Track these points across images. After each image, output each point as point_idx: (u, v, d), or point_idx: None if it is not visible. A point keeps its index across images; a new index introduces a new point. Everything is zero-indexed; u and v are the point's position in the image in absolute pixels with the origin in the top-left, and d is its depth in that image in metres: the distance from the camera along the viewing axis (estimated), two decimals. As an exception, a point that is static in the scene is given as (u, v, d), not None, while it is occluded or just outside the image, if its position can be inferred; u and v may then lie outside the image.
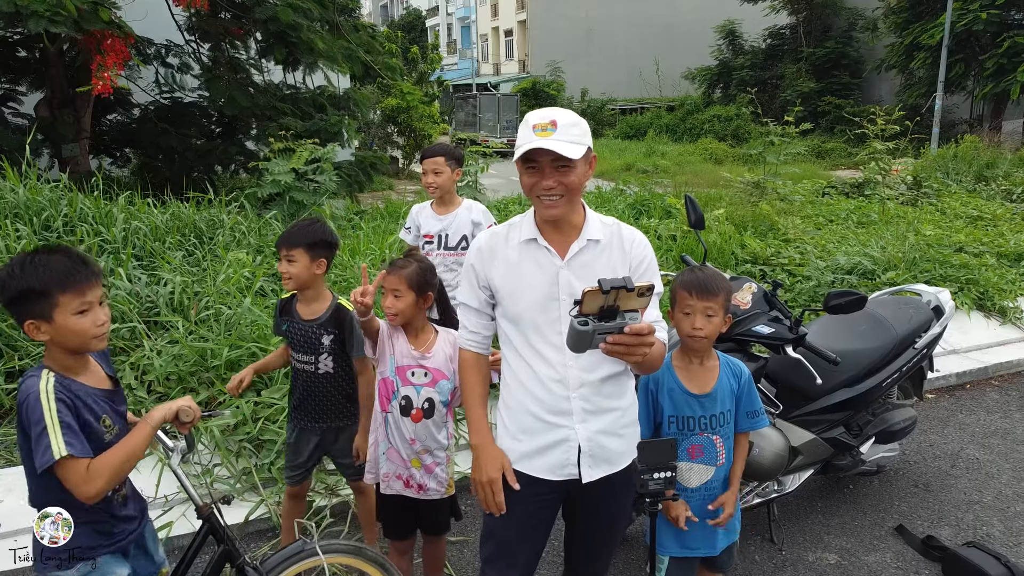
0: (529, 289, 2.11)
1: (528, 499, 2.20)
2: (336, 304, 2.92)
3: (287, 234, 2.85)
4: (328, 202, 7.07)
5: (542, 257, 2.12)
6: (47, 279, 1.86)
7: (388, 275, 2.62)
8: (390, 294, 2.62)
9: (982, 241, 7.53)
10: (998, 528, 3.63)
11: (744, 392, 2.52)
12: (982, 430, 4.67)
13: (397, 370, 2.64)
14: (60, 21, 7.43)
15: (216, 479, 3.80)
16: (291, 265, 2.81)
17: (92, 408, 1.93)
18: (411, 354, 2.64)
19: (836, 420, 3.55)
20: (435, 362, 2.65)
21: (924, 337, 3.73)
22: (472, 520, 3.69)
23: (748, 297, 3.17)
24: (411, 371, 2.64)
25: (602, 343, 1.74)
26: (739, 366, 2.55)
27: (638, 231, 2.23)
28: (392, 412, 2.67)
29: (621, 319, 1.73)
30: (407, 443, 2.66)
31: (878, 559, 3.41)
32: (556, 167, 2.00)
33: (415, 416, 2.64)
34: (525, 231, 2.15)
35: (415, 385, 2.64)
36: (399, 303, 2.60)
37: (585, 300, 1.71)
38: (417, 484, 2.70)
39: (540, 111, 2.06)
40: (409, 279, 2.60)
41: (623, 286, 1.68)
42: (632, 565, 3.36)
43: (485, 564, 2.28)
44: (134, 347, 4.47)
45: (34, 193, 5.78)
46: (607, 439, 2.16)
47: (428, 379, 2.64)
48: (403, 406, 2.64)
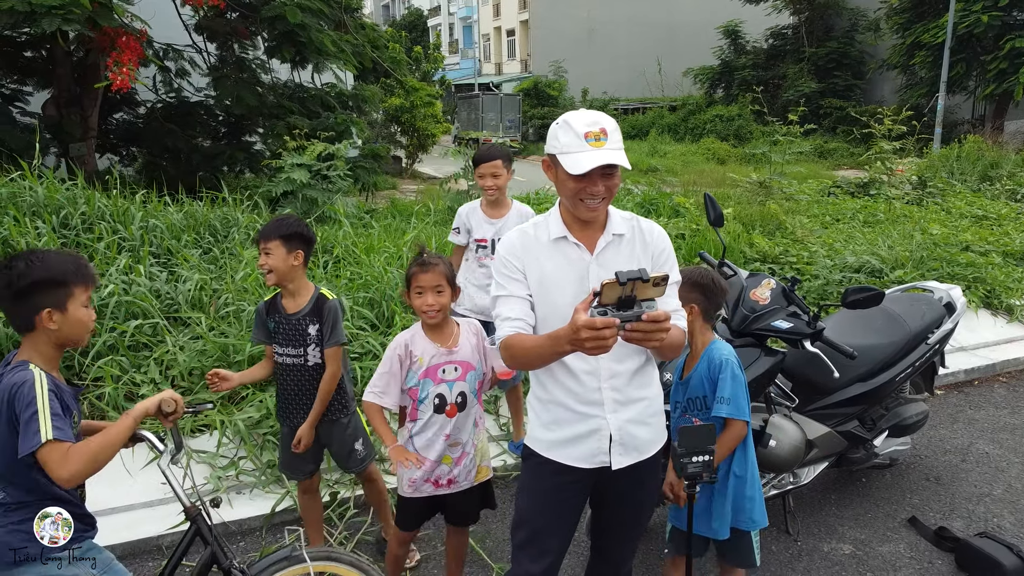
0: (561, 284, 2.17)
1: (560, 487, 2.27)
2: (318, 294, 2.99)
3: (263, 228, 2.94)
4: (341, 199, 7.14)
5: (571, 253, 2.19)
6: (65, 272, 2.01)
7: (425, 273, 2.62)
8: (430, 292, 2.61)
9: (988, 240, 7.60)
10: (1009, 520, 3.70)
11: (714, 377, 2.59)
12: (991, 425, 4.74)
13: (426, 372, 2.64)
14: (73, 19, 7.51)
15: (241, 471, 3.87)
16: (268, 257, 2.88)
17: (67, 404, 2.01)
18: (439, 351, 2.66)
19: (850, 414, 3.62)
20: (462, 355, 2.69)
21: (936, 333, 3.80)
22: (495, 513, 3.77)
23: (767, 293, 3.24)
24: (442, 368, 2.66)
25: (621, 331, 1.80)
26: (719, 353, 2.60)
27: (655, 224, 2.32)
28: (422, 416, 2.67)
29: (638, 308, 1.80)
30: (441, 440, 2.67)
31: (892, 549, 3.48)
32: (604, 172, 2.06)
33: (450, 412, 2.66)
34: (554, 229, 2.21)
35: (447, 382, 2.66)
36: (442, 299, 2.63)
37: (604, 291, 1.78)
38: (447, 479, 2.73)
39: (582, 115, 2.09)
40: (447, 275, 2.64)
41: (639, 277, 1.75)
42: (651, 555, 3.43)
43: (517, 550, 2.35)
44: (157, 343, 4.53)
45: (52, 191, 5.84)
46: (636, 428, 2.23)
47: (458, 373, 2.67)
48: (437, 405, 2.65)
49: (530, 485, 2.35)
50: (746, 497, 2.64)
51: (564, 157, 2.07)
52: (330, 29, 11.17)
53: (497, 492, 3.97)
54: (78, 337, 2.08)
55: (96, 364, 4.26)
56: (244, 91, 10.38)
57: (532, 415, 2.33)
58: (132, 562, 3.41)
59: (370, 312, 4.95)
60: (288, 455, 3.11)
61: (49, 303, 1.98)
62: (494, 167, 3.83)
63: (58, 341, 2.05)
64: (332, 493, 3.78)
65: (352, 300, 4.97)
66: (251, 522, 3.67)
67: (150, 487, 3.77)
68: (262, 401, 4.13)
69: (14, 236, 5.06)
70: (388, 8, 60.32)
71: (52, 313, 1.99)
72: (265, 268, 2.90)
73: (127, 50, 8.18)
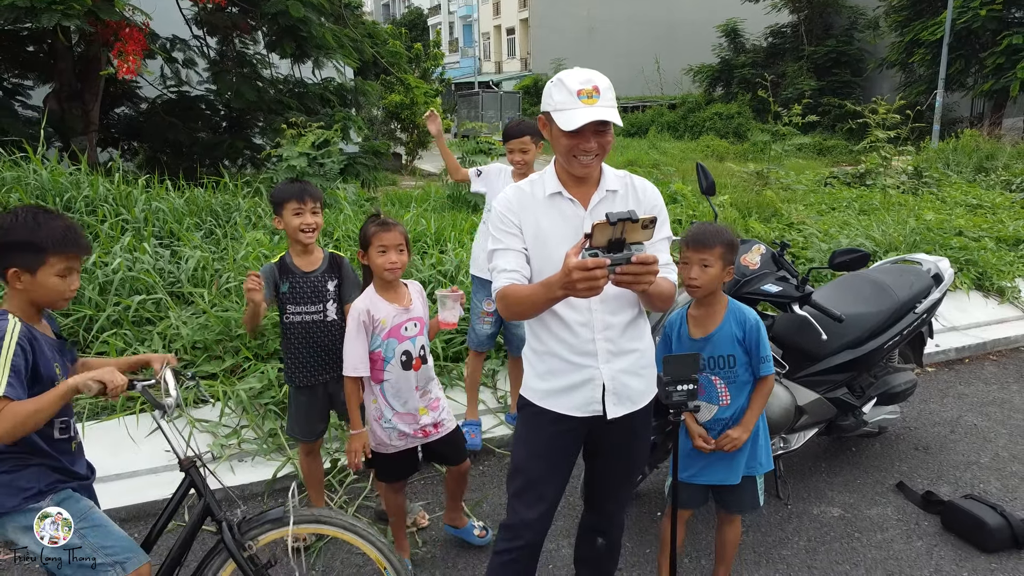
0: (556, 238, 2.23)
1: (555, 435, 2.35)
2: (329, 253, 3.10)
3: (309, 188, 3.00)
4: (341, 186, 7.22)
5: (566, 208, 2.25)
6: (45, 238, 2.02)
7: (388, 232, 2.71)
8: (393, 250, 2.71)
9: (981, 227, 7.67)
10: (995, 485, 3.78)
11: (750, 339, 2.65)
12: (980, 400, 4.82)
13: (390, 332, 2.75)
14: (73, 14, 7.58)
15: (243, 440, 3.95)
16: (316, 216, 2.98)
17: (46, 354, 2.06)
18: (398, 311, 2.78)
19: (840, 381, 3.70)
20: (417, 311, 2.85)
21: (924, 303, 3.87)
22: (485, 481, 3.85)
23: (757, 258, 3.32)
24: (404, 327, 2.79)
25: (611, 274, 1.86)
26: (744, 314, 2.67)
27: (648, 181, 2.39)
28: (391, 376, 2.78)
29: (628, 251, 1.85)
30: (414, 394, 2.81)
31: (880, 512, 3.56)
32: (597, 130, 2.12)
33: (415, 366, 2.81)
34: (549, 185, 2.27)
35: (411, 338, 2.80)
36: (403, 256, 2.75)
37: (594, 233, 1.82)
38: (433, 425, 2.89)
39: (575, 72, 2.15)
40: (406, 235, 2.76)
41: (628, 217, 1.80)
42: (643, 518, 3.51)
43: (513, 498, 2.41)
44: (160, 318, 4.62)
45: (56, 175, 5.93)
46: (629, 378, 2.31)
47: (417, 328, 2.82)
48: (404, 361, 2.78)
49: (525, 434, 2.42)
50: (758, 444, 2.73)
51: (557, 114, 2.13)
52: (330, 23, 11.28)
53: (495, 462, 4.07)
54: (48, 302, 2.11)
55: (100, 338, 4.34)
56: (244, 86, 10.46)
57: (527, 367, 2.39)
58: (136, 525, 3.49)
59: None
60: (301, 416, 3.16)
61: (17, 263, 2.01)
62: (523, 143, 3.88)
63: (29, 300, 2.08)
64: (333, 460, 3.86)
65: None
66: (253, 487, 3.75)
67: (155, 455, 3.85)
68: (263, 372, 4.21)
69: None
70: (388, 7, 60.44)
71: (19, 274, 2.02)
72: (312, 227, 2.97)
73: (131, 40, 8.26)
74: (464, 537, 3.31)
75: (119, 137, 11.82)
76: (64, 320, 4.44)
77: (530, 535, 2.37)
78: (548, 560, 3.20)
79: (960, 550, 3.26)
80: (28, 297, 2.07)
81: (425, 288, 5.09)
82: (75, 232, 2.10)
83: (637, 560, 3.22)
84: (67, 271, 2.08)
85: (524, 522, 2.37)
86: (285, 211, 2.96)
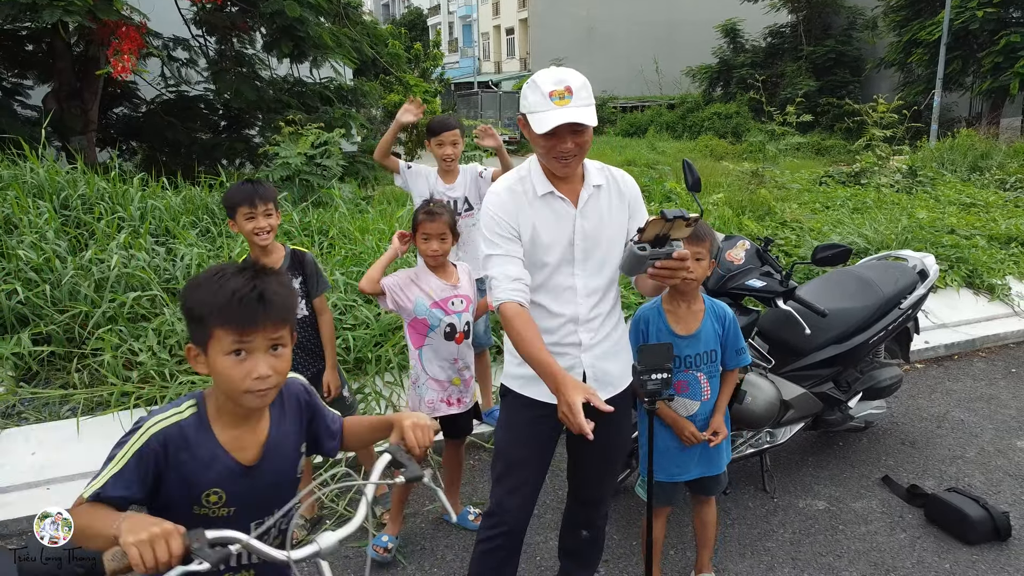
0: (550, 237, 2.27)
1: (535, 420, 2.40)
2: (291, 249, 3.13)
3: (260, 190, 2.97)
4: (337, 185, 7.27)
5: (558, 207, 2.28)
6: (205, 302, 1.47)
7: (432, 222, 2.91)
8: (435, 239, 2.94)
9: (974, 225, 7.71)
10: (979, 479, 3.82)
11: (730, 333, 2.73)
12: (968, 395, 4.86)
13: (436, 304, 2.97)
14: (74, 11, 7.63)
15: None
16: (270, 218, 2.99)
17: (193, 481, 1.52)
18: (446, 286, 3.00)
19: (825, 376, 3.74)
20: (464, 289, 3.06)
21: (909, 298, 3.92)
22: (475, 475, 3.90)
23: (741, 253, 3.36)
24: (451, 301, 3.00)
25: (651, 267, 1.96)
26: (723, 308, 2.75)
27: (624, 171, 2.45)
28: (432, 343, 3.00)
29: (670, 246, 1.95)
30: (451, 364, 3.03)
31: (864, 505, 3.60)
32: (573, 130, 2.13)
33: (459, 339, 3.01)
34: (539, 185, 2.28)
35: (457, 312, 3.01)
36: (445, 245, 2.96)
37: (648, 228, 1.93)
38: (457, 399, 3.09)
39: (549, 73, 2.16)
40: (450, 224, 2.95)
41: (681, 216, 1.87)
42: (631, 510, 3.55)
43: (495, 483, 2.47)
44: (155, 314, 4.66)
45: (53, 174, 5.98)
46: (607, 363, 2.38)
47: (463, 305, 3.03)
48: (447, 332, 2.99)
49: (507, 420, 2.48)
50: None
51: (532, 116, 2.15)
52: (329, 23, 11.32)
53: (484, 456, 4.12)
54: (227, 392, 1.50)
55: (95, 334, 4.38)
56: (243, 85, 10.49)
57: (508, 356, 2.44)
58: (130, 517, 3.53)
59: (363, 287, 5.08)
60: None
61: (195, 338, 1.51)
62: (455, 135, 3.94)
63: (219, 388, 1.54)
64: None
65: (347, 275, 5.10)
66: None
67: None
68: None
69: (17, 214, 5.20)
70: (388, 7, 60.50)
71: (195, 352, 1.51)
72: (266, 229, 2.98)
73: (127, 40, 8.30)
74: (461, 524, 3.40)
75: (118, 137, 11.87)
76: (60, 317, 4.49)
77: (512, 520, 2.42)
78: (535, 552, 3.25)
79: (943, 542, 3.30)
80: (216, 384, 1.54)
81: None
82: (243, 296, 1.44)
83: (623, 552, 3.26)
84: (235, 349, 1.46)
85: (505, 508, 2.42)
86: (238, 215, 2.96)
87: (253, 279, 1.47)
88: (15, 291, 4.50)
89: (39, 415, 4.08)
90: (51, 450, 3.82)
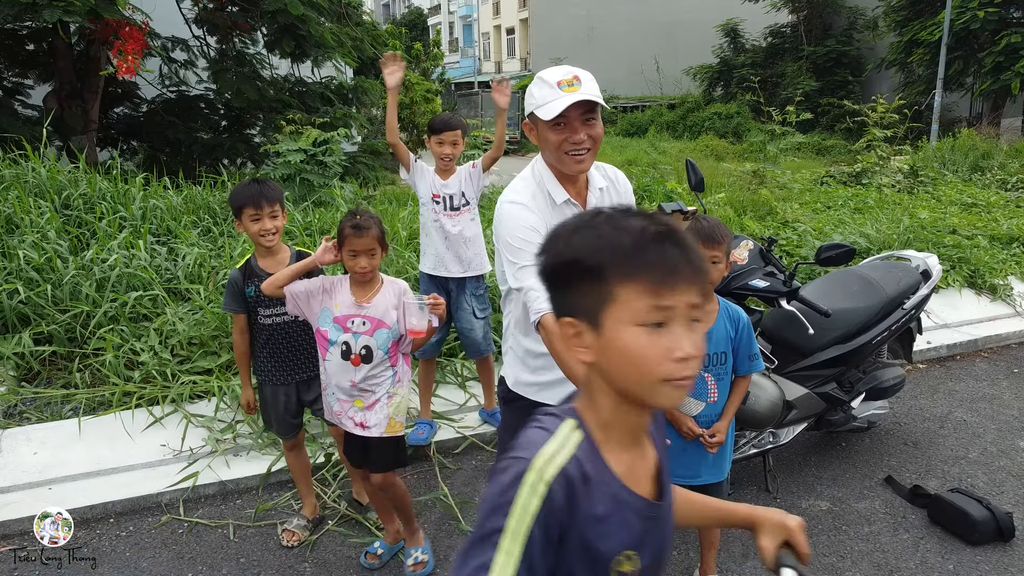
0: None
1: None
2: (296, 251, 3.10)
3: (266, 191, 2.94)
4: (338, 184, 7.26)
5: (571, 213, 2.24)
6: (602, 248, 1.01)
7: (360, 238, 2.66)
8: (364, 255, 2.69)
9: (975, 225, 7.70)
10: (982, 480, 3.82)
11: (743, 338, 2.70)
12: (970, 396, 4.86)
13: (336, 320, 2.78)
14: (75, 11, 7.62)
15: (238, 435, 3.99)
16: (275, 220, 2.97)
17: (597, 544, 1.04)
18: (352, 304, 2.78)
19: (828, 376, 3.74)
20: (374, 311, 2.78)
21: (912, 299, 3.91)
22: (478, 475, 3.89)
23: (745, 253, 3.35)
24: (351, 320, 2.78)
25: None
26: (737, 312, 2.73)
27: (615, 167, 2.44)
28: (332, 359, 2.81)
29: None
30: (349, 386, 2.82)
31: (867, 506, 3.59)
32: (584, 120, 2.11)
33: (354, 361, 2.79)
34: (557, 193, 2.23)
35: (354, 333, 2.78)
36: (374, 261, 2.73)
37: None
38: (360, 422, 2.86)
39: (555, 69, 2.15)
40: (380, 237, 2.72)
41: (679, 209, 1.87)
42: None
43: None
44: (156, 314, 4.65)
45: (54, 173, 5.97)
46: None
47: (366, 327, 2.78)
48: (344, 351, 2.79)
49: (513, 424, 2.45)
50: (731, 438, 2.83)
51: (540, 109, 2.11)
52: (330, 22, 11.31)
53: (486, 456, 4.11)
54: (633, 383, 1.03)
55: (97, 334, 4.38)
56: (244, 85, 10.48)
57: (517, 363, 2.40)
58: (131, 518, 3.53)
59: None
60: (278, 414, 3.19)
61: (580, 306, 1.04)
62: (456, 136, 3.93)
63: (608, 383, 1.06)
64: (327, 454, 3.90)
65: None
66: (248, 481, 3.79)
67: (151, 449, 3.90)
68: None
69: (18, 213, 5.20)
70: (388, 7, 60.50)
71: (578, 329, 1.05)
72: (272, 231, 2.96)
73: (130, 40, 8.29)
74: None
75: (119, 136, 11.86)
76: (61, 317, 4.48)
77: None
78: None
79: (946, 542, 3.29)
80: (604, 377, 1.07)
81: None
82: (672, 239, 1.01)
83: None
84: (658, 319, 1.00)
85: None
86: (243, 216, 2.94)
87: (653, 221, 1.02)
88: (17, 291, 4.49)
89: (41, 415, 4.07)
90: (53, 450, 3.82)
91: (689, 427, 2.67)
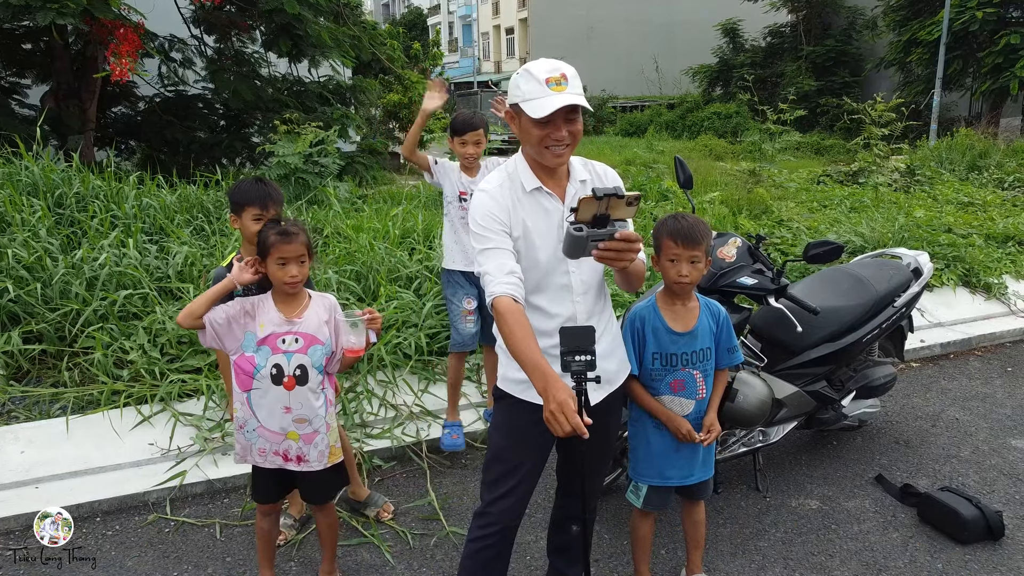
0: (541, 234, 2.25)
1: (533, 424, 2.35)
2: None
3: (272, 193, 2.81)
4: (333, 184, 7.26)
5: (547, 203, 2.26)
6: None
7: (289, 244, 2.50)
8: (293, 262, 2.51)
9: (971, 224, 7.69)
10: (973, 479, 3.80)
11: (723, 331, 2.72)
12: (963, 394, 4.84)
13: (264, 341, 2.54)
14: (68, 13, 7.61)
15: (227, 433, 3.98)
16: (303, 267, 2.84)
17: None
18: (281, 320, 2.57)
19: (819, 374, 3.72)
20: (306, 327, 2.58)
21: (903, 296, 3.90)
22: (468, 474, 3.87)
23: (733, 251, 3.34)
24: (281, 338, 2.55)
25: (594, 249, 1.89)
26: (716, 306, 2.73)
27: (605, 165, 2.43)
28: (259, 387, 2.57)
29: (611, 227, 1.88)
30: (281, 413, 2.58)
31: (857, 505, 3.58)
32: (567, 118, 2.13)
33: (287, 384, 2.55)
34: (528, 181, 2.26)
35: (285, 352, 2.55)
36: (304, 268, 2.55)
37: (580, 208, 1.85)
38: (295, 456, 2.64)
39: (542, 62, 2.16)
40: (308, 245, 2.57)
41: (615, 193, 1.83)
42: (623, 510, 3.53)
43: (490, 485, 2.41)
44: (146, 313, 4.64)
45: (48, 171, 5.96)
46: (605, 362, 2.35)
47: (299, 345, 2.56)
48: (274, 375, 2.55)
49: (505, 424, 2.43)
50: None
51: (527, 104, 2.12)
52: (328, 21, 11.30)
53: (476, 455, 4.09)
54: None
55: (86, 332, 4.36)
56: (242, 85, 10.48)
57: (504, 359, 2.39)
58: (118, 517, 3.52)
59: (357, 285, 5.06)
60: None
61: None
62: (478, 135, 3.90)
63: None
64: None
65: (340, 273, 5.08)
66: (235, 480, 3.77)
67: (138, 448, 3.88)
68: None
69: (9, 211, 5.19)
70: (388, 7, 60.50)
71: None
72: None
73: (125, 42, 8.28)
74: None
75: (116, 136, 11.85)
76: (51, 315, 4.47)
77: (506, 519, 2.40)
78: (525, 552, 3.23)
79: (935, 541, 3.28)
80: None
81: (410, 286, 5.14)
82: None
83: (615, 551, 3.24)
84: None
85: (500, 509, 2.39)
86: (245, 214, 2.80)
87: None
88: (6, 289, 4.48)
89: (29, 413, 4.06)
90: (40, 448, 3.81)
91: (687, 432, 2.65)
